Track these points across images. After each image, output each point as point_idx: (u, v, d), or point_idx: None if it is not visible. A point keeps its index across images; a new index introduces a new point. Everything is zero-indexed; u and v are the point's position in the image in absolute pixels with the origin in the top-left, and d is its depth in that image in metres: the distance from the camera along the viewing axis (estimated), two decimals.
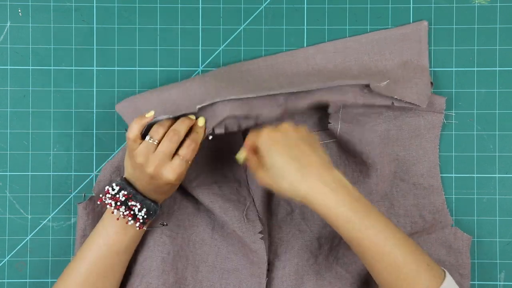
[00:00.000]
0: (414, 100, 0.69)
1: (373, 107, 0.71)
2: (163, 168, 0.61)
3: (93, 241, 0.65)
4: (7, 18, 0.75)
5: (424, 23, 0.74)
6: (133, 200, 0.64)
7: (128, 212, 0.64)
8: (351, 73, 0.73)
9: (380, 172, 0.71)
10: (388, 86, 0.70)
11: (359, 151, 0.71)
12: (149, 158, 0.61)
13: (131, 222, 0.64)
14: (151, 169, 0.61)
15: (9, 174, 0.75)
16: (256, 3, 0.75)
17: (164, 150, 0.61)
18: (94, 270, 0.65)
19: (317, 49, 0.74)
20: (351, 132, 0.71)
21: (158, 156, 0.61)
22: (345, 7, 0.75)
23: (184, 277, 0.71)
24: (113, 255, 0.65)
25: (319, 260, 0.72)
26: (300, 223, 0.73)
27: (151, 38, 0.75)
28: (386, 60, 0.74)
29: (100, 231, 0.65)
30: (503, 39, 0.75)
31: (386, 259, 0.58)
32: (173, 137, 0.61)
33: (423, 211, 0.73)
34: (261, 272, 0.70)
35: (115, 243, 0.65)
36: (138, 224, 0.64)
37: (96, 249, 0.65)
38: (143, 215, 0.64)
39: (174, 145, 0.61)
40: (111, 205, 0.64)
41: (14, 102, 0.75)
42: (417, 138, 0.73)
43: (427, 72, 0.73)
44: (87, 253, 0.65)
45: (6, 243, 0.75)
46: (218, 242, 0.72)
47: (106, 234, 0.65)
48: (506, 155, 0.75)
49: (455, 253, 0.70)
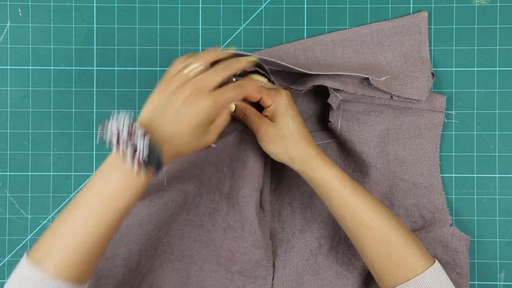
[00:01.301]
0: (413, 96, 0.69)
1: (372, 104, 0.72)
2: (200, 97, 0.56)
3: (89, 197, 0.56)
4: (7, 18, 0.75)
5: (424, 14, 0.74)
6: (137, 133, 0.54)
7: (130, 149, 0.53)
8: (350, 66, 0.73)
9: (380, 172, 0.71)
10: (387, 81, 0.70)
11: (358, 150, 0.71)
12: (186, 83, 0.56)
13: (129, 160, 0.53)
14: (186, 93, 0.56)
15: (9, 174, 0.75)
16: (256, 3, 0.75)
17: (207, 78, 0.57)
18: (91, 229, 0.55)
19: (315, 41, 0.74)
20: (351, 131, 0.71)
21: (197, 82, 0.56)
22: (345, 7, 0.75)
23: (187, 276, 0.71)
24: (112, 212, 0.55)
25: (319, 260, 0.72)
26: (300, 223, 0.73)
27: (151, 38, 0.75)
28: (386, 52, 0.74)
29: (95, 185, 0.56)
30: (503, 39, 0.75)
31: (376, 232, 0.62)
32: (221, 70, 0.58)
33: (423, 211, 0.73)
34: (267, 274, 0.70)
35: (115, 199, 0.55)
36: (136, 164, 0.53)
37: (92, 207, 0.55)
38: (143, 151, 0.53)
39: (219, 78, 0.57)
40: (112, 134, 0.53)
41: (14, 102, 0.75)
42: (418, 138, 0.73)
43: (428, 63, 0.73)
44: (82, 210, 0.55)
45: (6, 243, 0.75)
46: (227, 241, 0.71)
47: (103, 189, 0.55)
48: (506, 155, 0.75)
49: (452, 252, 0.70)
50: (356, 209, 0.62)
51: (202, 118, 0.56)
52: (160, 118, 0.56)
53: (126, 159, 0.54)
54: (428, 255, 0.62)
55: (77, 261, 0.54)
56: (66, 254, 0.54)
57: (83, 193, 0.56)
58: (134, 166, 0.53)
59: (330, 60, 0.74)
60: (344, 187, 0.63)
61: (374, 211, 0.62)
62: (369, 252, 0.63)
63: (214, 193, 0.72)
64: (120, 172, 0.55)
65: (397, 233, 0.61)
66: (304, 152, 0.64)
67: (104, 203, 0.55)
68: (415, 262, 0.60)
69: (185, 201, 0.71)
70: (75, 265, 0.54)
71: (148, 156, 0.53)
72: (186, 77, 0.57)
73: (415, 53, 0.73)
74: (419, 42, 0.73)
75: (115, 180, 0.55)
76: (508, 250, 0.75)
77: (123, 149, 0.53)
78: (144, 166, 0.54)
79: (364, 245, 0.63)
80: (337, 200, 0.63)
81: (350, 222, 0.63)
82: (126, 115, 0.54)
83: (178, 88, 0.57)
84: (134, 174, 0.54)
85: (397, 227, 0.62)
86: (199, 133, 0.58)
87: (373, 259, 0.62)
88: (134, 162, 0.53)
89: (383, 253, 0.61)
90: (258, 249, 0.69)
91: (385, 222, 0.62)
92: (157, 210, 0.70)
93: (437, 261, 0.62)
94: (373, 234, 0.62)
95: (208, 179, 0.71)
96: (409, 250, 0.61)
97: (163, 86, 0.58)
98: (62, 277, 0.53)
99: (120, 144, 0.53)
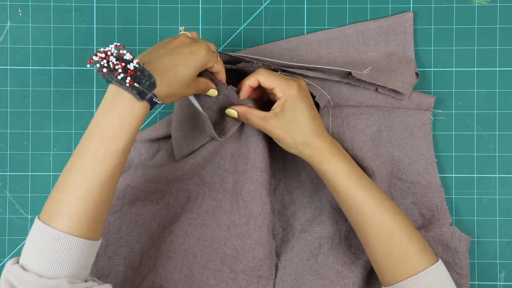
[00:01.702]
0: (398, 88, 0.69)
1: (361, 107, 0.72)
2: (196, 41, 0.61)
3: (88, 144, 0.55)
4: (7, 18, 0.75)
5: (409, 14, 0.74)
6: (126, 55, 0.54)
7: (119, 66, 0.53)
8: (336, 65, 0.73)
9: (378, 174, 0.71)
10: (371, 74, 0.70)
11: (352, 155, 0.71)
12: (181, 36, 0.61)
13: (121, 75, 0.53)
14: (182, 38, 0.60)
15: (9, 174, 0.75)
16: (256, 3, 0.75)
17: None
18: (95, 177, 0.55)
19: (300, 40, 0.74)
20: (343, 137, 0.71)
21: (195, 39, 0.62)
22: (345, 7, 0.75)
23: (190, 275, 0.71)
24: (112, 154, 0.55)
25: (319, 260, 0.72)
26: (300, 223, 0.73)
27: (151, 38, 0.75)
28: (371, 51, 0.74)
29: (93, 130, 0.55)
30: (503, 39, 0.75)
31: (380, 227, 0.62)
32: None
33: (422, 209, 0.73)
34: (270, 274, 0.70)
35: (115, 138, 0.55)
36: (129, 79, 0.52)
37: (93, 153, 0.55)
38: (135, 65, 0.53)
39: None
40: (101, 58, 0.53)
41: (14, 102, 0.75)
42: (410, 138, 0.73)
43: (413, 62, 0.73)
44: (84, 160, 0.55)
45: (6, 243, 0.75)
46: (232, 239, 0.71)
47: (101, 132, 0.55)
48: (506, 155, 0.75)
49: (452, 252, 0.70)
50: (361, 204, 0.63)
51: (198, 58, 0.59)
52: (155, 53, 0.58)
53: (118, 78, 0.53)
54: (431, 253, 0.62)
55: (86, 213, 0.54)
56: (74, 209, 0.53)
57: (81, 144, 0.56)
58: (127, 82, 0.53)
59: (316, 60, 0.74)
60: (351, 181, 0.63)
61: (379, 206, 0.62)
62: (372, 247, 0.63)
63: (217, 191, 0.72)
64: (115, 109, 0.55)
65: (401, 229, 0.62)
66: (312, 146, 0.64)
67: (105, 146, 0.54)
68: (417, 260, 0.61)
69: (188, 200, 0.71)
70: (84, 218, 0.54)
71: (139, 76, 0.53)
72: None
73: (400, 53, 0.74)
74: (404, 42, 0.74)
75: (111, 119, 0.55)
76: (508, 250, 0.75)
77: (112, 65, 0.53)
78: (137, 82, 0.53)
79: (367, 239, 0.63)
80: (343, 193, 0.64)
81: (354, 216, 0.64)
82: (112, 45, 0.54)
83: (173, 38, 0.60)
84: (129, 103, 0.54)
85: (402, 223, 0.62)
86: (192, 72, 0.59)
87: (376, 254, 0.63)
88: (127, 79, 0.53)
89: (385, 248, 0.62)
90: (262, 247, 0.69)
91: (389, 217, 0.62)
92: (159, 209, 0.70)
93: (440, 260, 0.62)
94: (376, 229, 0.62)
95: (210, 177, 0.72)
96: (412, 247, 0.61)
97: (156, 44, 0.60)
98: (74, 232, 0.53)
99: (109, 65, 0.53)
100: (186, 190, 0.71)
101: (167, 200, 0.70)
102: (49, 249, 0.52)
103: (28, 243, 0.54)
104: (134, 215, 0.69)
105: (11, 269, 0.52)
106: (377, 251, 0.63)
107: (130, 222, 0.68)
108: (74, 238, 0.53)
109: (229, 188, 0.71)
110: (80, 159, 0.55)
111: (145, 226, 0.69)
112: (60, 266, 0.52)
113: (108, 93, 0.56)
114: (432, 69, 0.75)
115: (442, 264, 0.62)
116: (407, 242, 0.61)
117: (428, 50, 0.75)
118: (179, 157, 0.70)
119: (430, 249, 0.63)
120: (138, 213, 0.69)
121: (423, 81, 0.75)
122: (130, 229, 0.68)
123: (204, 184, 0.72)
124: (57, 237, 0.52)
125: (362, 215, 0.63)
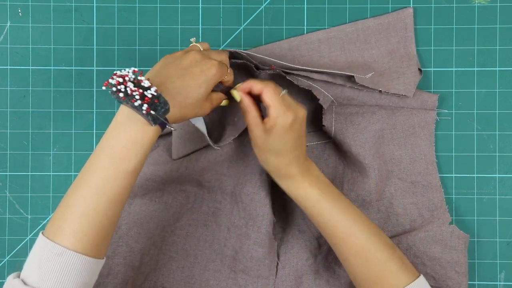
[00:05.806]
0: (400, 91, 0.70)
1: (365, 106, 0.72)
2: (207, 59, 0.59)
3: (97, 162, 0.55)
4: (7, 18, 0.75)
5: (409, 10, 0.74)
6: (144, 82, 0.53)
7: (136, 93, 0.52)
8: (337, 64, 0.73)
9: (379, 172, 0.71)
10: (373, 78, 0.70)
11: (354, 152, 0.71)
12: (190, 51, 0.60)
13: (138, 102, 0.52)
14: (193, 55, 0.58)
15: (9, 174, 0.75)
16: (256, 3, 0.75)
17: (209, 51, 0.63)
18: (102, 196, 0.54)
19: (301, 40, 0.74)
20: (346, 134, 0.71)
21: (206, 55, 0.60)
22: (345, 7, 0.75)
23: (191, 275, 0.71)
24: (121, 175, 0.55)
25: (318, 260, 0.72)
26: (299, 223, 0.73)
27: (151, 38, 0.75)
28: (372, 49, 0.74)
29: (103, 149, 0.55)
30: (503, 39, 0.75)
31: (356, 248, 0.62)
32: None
33: (422, 209, 0.73)
34: (270, 274, 0.70)
35: (125, 159, 0.54)
36: (145, 107, 0.52)
37: (101, 172, 0.54)
38: (152, 93, 0.52)
39: (220, 57, 0.63)
40: (118, 83, 0.52)
41: (14, 102, 0.75)
42: (412, 137, 0.73)
43: (415, 59, 0.73)
44: (94, 178, 0.54)
45: (6, 243, 0.75)
46: (231, 240, 0.72)
47: (111, 152, 0.54)
48: (506, 155, 0.75)
49: (451, 250, 0.70)
50: (334, 227, 0.62)
51: (209, 77, 0.58)
52: (166, 73, 0.57)
53: (134, 104, 0.52)
54: (412, 269, 0.62)
55: (91, 231, 0.53)
56: (79, 225, 0.53)
57: (90, 162, 0.55)
58: (143, 109, 0.52)
59: (317, 59, 0.74)
60: (322, 206, 0.62)
61: (353, 228, 0.62)
62: (349, 267, 0.63)
63: (216, 193, 0.72)
64: (128, 131, 0.54)
65: (378, 248, 0.61)
66: (283, 170, 0.63)
67: (114, 166, 0.54)
68: (395, 278, 0.60)
69: (187, 200, 0.72)
70: (89, 236, 0.53)
71: (155, 103, 0.53)
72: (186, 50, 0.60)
73: (402, 49, 0.74)
74: (405, 38, 0.74)
75: (123, 140, 0.54)
76: (508, 250, 0.75)
77: (130, 91, 0.52)
78: (153, 109, 0.52)
79: (344, 260, 0.63)
80: (316, 218, 0.63)
81: (330, 239, 0.63)
82: (130, 69, 0.54)
83: (183, 54, 0.59)
84: (142, 127, 0.54)
85: (379, 243, 0.62)
86: (203, 92, 0.58)
87: (355, 274, 0.63)
88: (143, 106, 0.52)
89: (363, 269, 0.61)
90: (260, 247, 0.69)
91: (365, 238, 0.61)
92: (157, 209, 0.70)
93: (421, 276, 0.61)
94: (353, 250, 0.62)
95: (208, 182, 0.72)
96: (390, 266, 0.61)
97: (167, 57, 0.59)
98: (78, 249, 0.52)
99: (126, 90, 0.52)
100: (185, 191, 0.71)
101: (166, 199, 0.70)
102: (52, 264, 0.52)
103: (30, 258, 0.53)
104: (133, 215, 0.69)
105: (12, 283, 0.52)
106: (355, 271, 0.62)
107: (129, 221, 0.69)
108: (77, 255, 0.52)
109: (229, 191, 0.72)
110: (88, 177, 0.54)
111: (143, 226, 0.69)
112: (61, 283, 0.52)
113: (121, 113, 0.55)
114: (432, 69, 0.75)
115: (424, 280, 0.62)
116: (385, 261, 0.61)
117: (428, 50, 0.75)
118: (176, 157, 0.70)
119: (410, 266, 0.62)
120: (136, 213, 0.69)
121: (424, 81, 0.75)
122: (129, 229, 0.68)
123: (203, 187, 0.72)
124: (60, 252, 0.52)
125: (337, 238, 0.62)
